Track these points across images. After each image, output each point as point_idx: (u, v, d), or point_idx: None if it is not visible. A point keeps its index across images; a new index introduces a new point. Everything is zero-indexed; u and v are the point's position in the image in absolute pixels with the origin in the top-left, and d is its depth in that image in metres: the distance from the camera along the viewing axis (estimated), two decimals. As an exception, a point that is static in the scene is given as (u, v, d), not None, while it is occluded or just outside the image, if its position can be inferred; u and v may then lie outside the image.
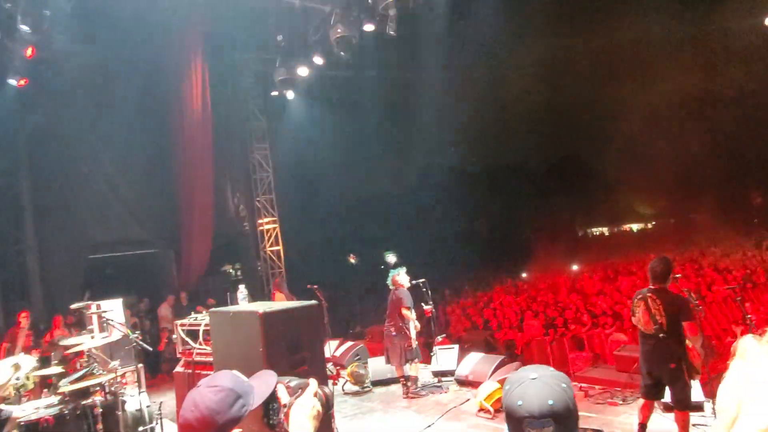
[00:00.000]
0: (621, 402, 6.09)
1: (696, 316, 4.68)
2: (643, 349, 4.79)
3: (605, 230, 39.24)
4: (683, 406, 4.53)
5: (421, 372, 7.84)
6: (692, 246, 22.70)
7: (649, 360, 4.69)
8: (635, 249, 26.43)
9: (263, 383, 1.65)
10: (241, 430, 1.48)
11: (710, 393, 5.37)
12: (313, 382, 1.65)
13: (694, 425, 4.92)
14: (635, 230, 38.21)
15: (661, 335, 4.54)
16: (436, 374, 7.96)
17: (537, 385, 1.34)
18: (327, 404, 1.69)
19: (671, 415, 4.87)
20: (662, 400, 5.11)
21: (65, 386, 5.07)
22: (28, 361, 6.13)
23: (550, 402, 1.30)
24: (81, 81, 11.36)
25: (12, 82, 9.93)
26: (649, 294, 4.70)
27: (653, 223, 37.40)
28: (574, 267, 24.03)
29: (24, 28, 8.47)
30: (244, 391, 1.54)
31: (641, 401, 4.88)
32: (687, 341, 4.54)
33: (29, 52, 9.60)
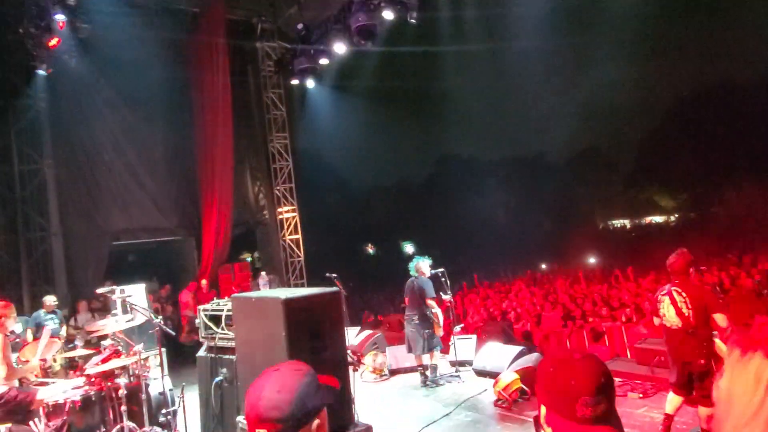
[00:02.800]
0: (641, 395, 6.03)
1: (724, 307, 4.58)
2: (671, 345, 4.69)
3: (626, 223, 38.69)
4: (710, 402, 4.43)
5: (439, 362, 7.86)
6: (715, 239, 22.29)
7: (681, 356, 4.59)
8: (657, 242, 26.05)
9: (330, 385, 1.53)
10: (320, 421, 1.39)
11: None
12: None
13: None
14: (656, 223, 37.61)
15: (689, 330, 4.45)
16: (454, 364, 7.96)
17: (584, 364, 1.32)
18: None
19: (692, 409, 4.80)
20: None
21: (91, 368, 5.18)
22: (54, 345, 6.29)
23: (602, 379, 1.29)
24: (104, 71, 11.53)
25: (41, 72, 10.09)
26: (673, 288, 4.61)
27: (676, 216, 36.77)
28: (594, 259, 23.78)
29: (59, 17, 8.58)
30: (318, 380, 1.45)
31: (671, 395, 4.78)
32: (715, 335, 4.44)
33: (53, 41, 9.75)
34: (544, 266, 24.11)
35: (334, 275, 8.03)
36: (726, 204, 27.02)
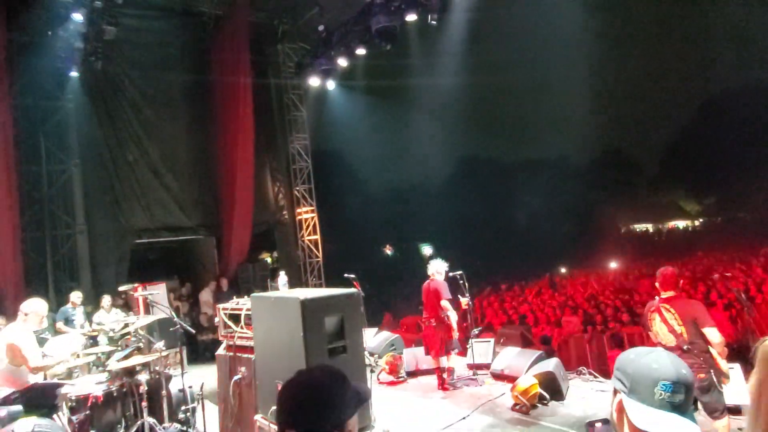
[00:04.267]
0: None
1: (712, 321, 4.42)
2: None
3: (649, 227, 38.05)
4: (720, 414, 4.32)
5: (457, 365, 7.82)
6: (741, 245, 21.78)
7: None
8: (681, 247, 25.57)
9: (360, 387, 1.49)
10: (350, 429, 1.35)
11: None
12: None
13: (739, 429, 4.73)
14: (681, 228, 36.93)
15: (685, 347, 4.33)
16: (472, 367, 7.91)
17: (670, 355, 1.35)
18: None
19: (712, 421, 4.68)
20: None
21: (113, 364, 5.28)
22: (78, 340, 6.42)
23: (684, 371, 1.30)
24: (129, 72, 11.76)
25: (69, 74, 10.31)
26: (661, 304, 4.48)
27: (700, 220, 36.07)
28: (616, 264, 23.43)
29: (77, 17, 8.76)
30: (350, 384, 1.42)
31: None
32: (710, 348, 4.31)
33: (80, 44, 9.97)
34: (564, 270, 23.83)
35: (353, 276, 8.06)
36: (753, 208, 26.40)
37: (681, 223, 37.27)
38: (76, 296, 8.90)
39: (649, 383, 1.30)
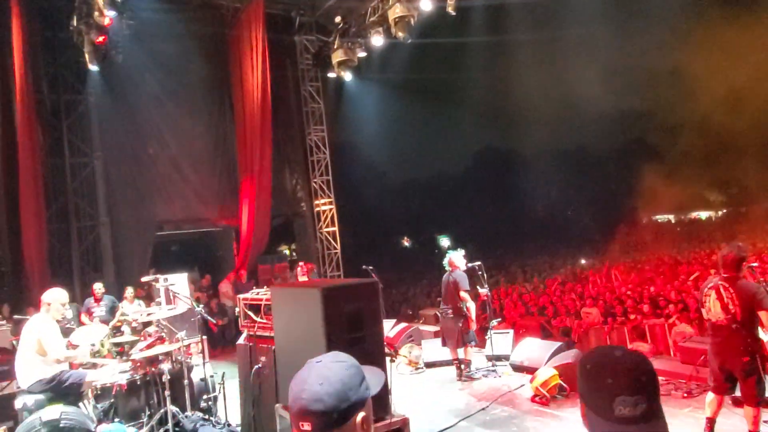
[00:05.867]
0: (685, 395, 5.84)
1: None
2: (714, 341, 4.55)
3: (671, 217, 37.40)
4: (755, 401, 4.28)
5: (475, 356, 7.80)
6: (765, 235, 21.32)
7: (721, 353, 4.45)
8: (704, 238, 25.11)
9: (375, 374, 1.49)
10: (365, 413, 1.35)
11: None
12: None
13: (766, 422, 4.66)
14: (704, 218, 36.24)
15: (734, 326, 4.30)
16: (491, 358, 7.89)
17: (625, 360, 1.27)
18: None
19: (741, 410, 4.63)
20: (732, 395, 4.86)
21: (136, 354, 5.37)
22: (102, 330, 6.54)
23: (644, 378, 1.24)
24: (149, 66, 11.88)
25: (91, 68, 10.47)
26: (720, 282, 4.45)
27: (723, 211, 35.34)
28: (637, 254, 23.11)
29: (108, 13, 8.84)
30: (364, 374, 1.41)
31: (711, 396, 4.65)
32: (761, 333, 4.28)
33: (101, 38, 10.08)
34: (584, 261, 23.59)
35: (371, 267, 8.06)
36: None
37: (704, 214, 36.57)
38: (97, 287, 8.95)
39: (606, 400, 1.24)
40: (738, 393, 4.58)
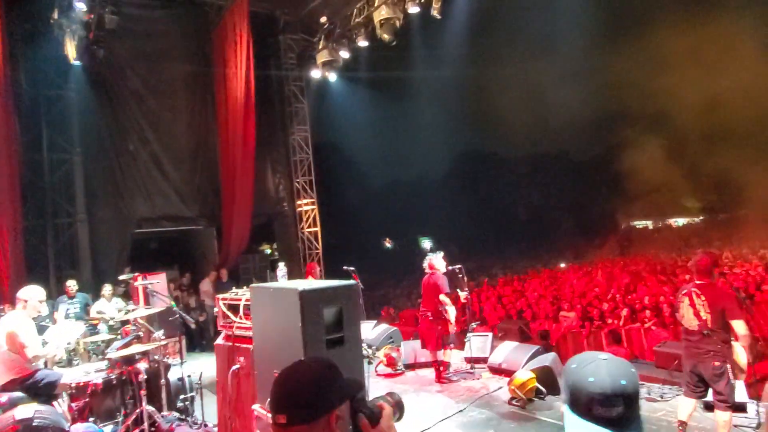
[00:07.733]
0: (659, 398, 5.96)
1: (745, 313, 4.52)
2: (686, 346, 4.66)
3: (649, 224, 38.03)
4: (725, 405, 4.40)
5: (454, 358, 7.85)
6: (741, 244, 21.83)
7: (693, 357, 4.56)
8: (680, 244, 25.59)
9: (353, 377, 1.55)
10: (339, 412, 1.41)
11: (755, 394, 5.20)
12: (388, 409, 1.55)
13: (736, 426, 4.78)
14: (681, 225, 36.92)
15: (705, 332, 4.41)
16: (469, 361, 7.95)
17: (609, 364, 1.31)
18: (401, 412, 1.66)
19: (713, 414, 4.74)
20: (704, 399, 4.98)
21: (112, 353, 5.31)
22: (77, 328, 6.45)
23: (623, 382, 1.27)
24: (130, 62, 11.74)
25: (71, 62, 10.29)
26: (693, 289, 4.56)
27: (701, 218, 36.05)
28: (615, 259, 23.47)
29: (79, 5, 8.72)
30: (341, 375, 1.48)
31: (683, 399, 4.76)
32: (732, 339, 4.39)
33: (82, 31, 9.93)
34: (563, 265, 23.88)
35: (352, 269, 8.06)
36: (756, 206, 26.37)
37: (680, 221, 37.26)
38: (70, 284, 8.77)
39: (585, 398, 1.28)
40: (710, 397, 4.70)
